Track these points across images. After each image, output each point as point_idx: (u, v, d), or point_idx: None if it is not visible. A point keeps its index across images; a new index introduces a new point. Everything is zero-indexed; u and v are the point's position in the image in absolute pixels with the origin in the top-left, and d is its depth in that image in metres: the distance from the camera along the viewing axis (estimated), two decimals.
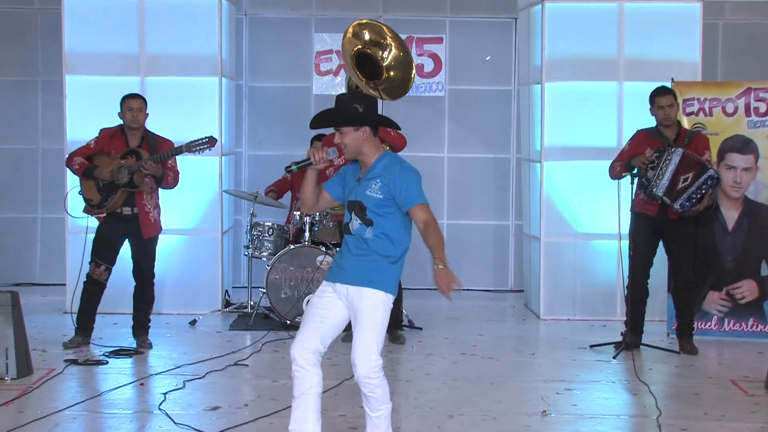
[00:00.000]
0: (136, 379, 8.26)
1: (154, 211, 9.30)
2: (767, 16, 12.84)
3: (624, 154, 9.44)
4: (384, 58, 9.65)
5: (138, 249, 9.32)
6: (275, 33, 13.18)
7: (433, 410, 7.42)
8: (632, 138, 9.53)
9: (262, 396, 7.74)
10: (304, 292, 10.23)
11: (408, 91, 9.84)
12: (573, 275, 11.12)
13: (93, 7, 10.99)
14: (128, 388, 7.98)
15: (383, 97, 9.56)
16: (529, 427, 7.02)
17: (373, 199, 5.99)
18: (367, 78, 9.60)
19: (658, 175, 9.11)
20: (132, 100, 9.24)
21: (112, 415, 7.22)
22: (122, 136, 9.24)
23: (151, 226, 9.26)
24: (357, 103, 6.02)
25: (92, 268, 9.22)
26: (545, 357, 9.46)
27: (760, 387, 8.11)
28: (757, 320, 9.99)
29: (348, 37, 9.62)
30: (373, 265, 6.07)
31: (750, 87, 10.18)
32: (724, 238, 10.00)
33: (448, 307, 11.98)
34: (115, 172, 8.98)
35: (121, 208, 9.12)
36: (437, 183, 13.07)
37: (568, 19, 11.01)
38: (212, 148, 9.32)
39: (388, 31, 9.73)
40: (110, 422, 7.05)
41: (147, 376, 8.34)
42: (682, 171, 9.10)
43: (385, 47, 9.68)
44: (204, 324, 10.61)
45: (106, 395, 7.73)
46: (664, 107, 9.27)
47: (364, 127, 5.99)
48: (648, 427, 7.05)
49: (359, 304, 6.06)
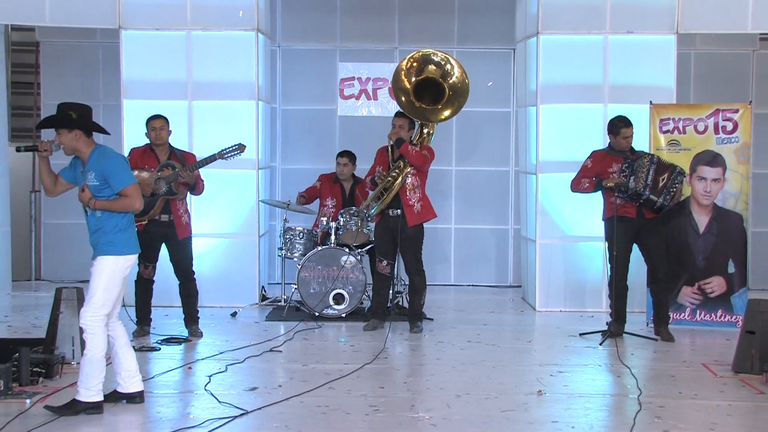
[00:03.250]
0: (185, 363, 8.29)
1: (185, 215, 9.35)
2: (733, 46, 12.82)
3: (589, 171, 9.46)
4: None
5: (176, 250, 9.36)
6: (304, 62, 13.18)
7: (443, 390, 7.43)
8: (593, 157, 9.52)
9: (294, 378, 7.76)
10: (330, 288, 10.28)
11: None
12: (564, 272, 11.10)
13: (147, 41, 11.02)
14: (178, 371, 8.02)
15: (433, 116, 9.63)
16: (527, 405, 7.02)
17: (93, 186, 6.65)
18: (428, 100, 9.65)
19: (639, 179, 9.17)
20: (154, 121, 9.32)
21: (163, 395, 7.25)
22: (152, 153, 9.29)
23: (184, 229, 9.31)
24: (72, 111, 6.73)
25: (141, 269, 9.28)
26: (540, 344, 9.46)
27: (728, 370, 8.12)
28: (725, 312, 9.99)
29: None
30: (106, 237, 6.69)
31: (719, 108, 10.18)
32: (696, 240, 10.03)
33: (455, 300, 12.04)
34: (153, 185, 9.06)
35: (159, 215, 9.15)
36: (446, 192, 13.08)
37: (560, 49, 10.99)
38: (242, 153, 9.37)
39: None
40: (162, 401, 7.07)
41: (194, 360, 8.38)
42: (659, 173, 9.21)
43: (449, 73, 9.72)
44: (243, 315, 10.63)
45: (158, 377, 7.77)
46: (628, 138, 9.40)
47: (76, 130, 6.67)
48: (630, 404, 7.05)
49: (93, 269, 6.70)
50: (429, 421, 6.60)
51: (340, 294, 10.31)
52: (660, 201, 9.21)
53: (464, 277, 13.22)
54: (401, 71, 9.63)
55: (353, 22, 13.13)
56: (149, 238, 9.17)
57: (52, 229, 13.11)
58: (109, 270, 6.67)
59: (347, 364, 8.24)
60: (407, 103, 9.60)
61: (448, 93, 9.60)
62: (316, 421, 6.58)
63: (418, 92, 9.62)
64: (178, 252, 9.38)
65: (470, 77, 9.77)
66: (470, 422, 6.59)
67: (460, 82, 9.64)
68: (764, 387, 7.60)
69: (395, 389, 7.56)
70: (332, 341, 9.38)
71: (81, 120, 6.72)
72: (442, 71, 9.66)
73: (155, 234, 9.24)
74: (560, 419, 6.70)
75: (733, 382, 7.81)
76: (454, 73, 9.64)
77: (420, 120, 9.62)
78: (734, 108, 10.18)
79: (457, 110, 9.71)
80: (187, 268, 9.47)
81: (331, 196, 10.99)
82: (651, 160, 9.24)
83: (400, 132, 9.56)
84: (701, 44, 12.76)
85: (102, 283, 6.64)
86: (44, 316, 8.69)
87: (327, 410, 6.84)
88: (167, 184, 9.06)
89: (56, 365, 7.65)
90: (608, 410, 7.07)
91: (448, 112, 9.66)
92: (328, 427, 6.45)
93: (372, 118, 12.66)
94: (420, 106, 9.58)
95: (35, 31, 13.01)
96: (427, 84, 9.64)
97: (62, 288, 8.28)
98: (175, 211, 9.22)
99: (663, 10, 10.88)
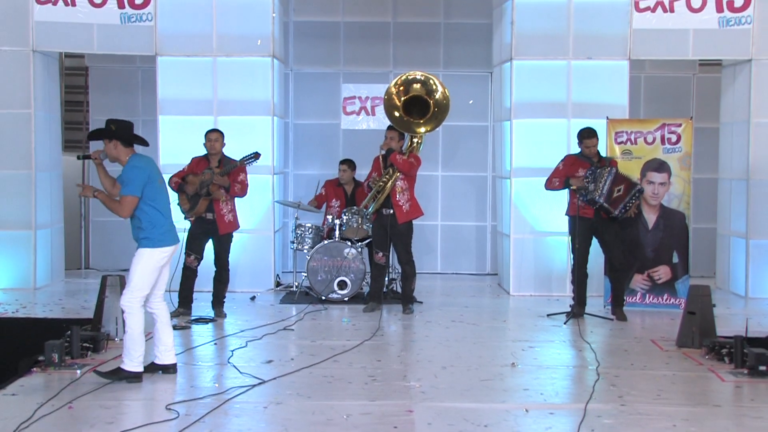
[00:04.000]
0: (212, 340, 8.29)
1: (229, 214, 9.34)
2: (677, 71, 12.78)
3: (560, 172, 9.47)
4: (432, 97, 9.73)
5: (217, 243, 9.37)
6: (312, 83, 13.14)
7: (431, 363, 7.45)
8: (565, 160, 9.53)
9: (304, 352, 7.76)
10: (335, 276, 10.27)
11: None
12: (534, 262, 11.06)
13: (179, 65, 11.00)
14: (206, 346, 8.02)
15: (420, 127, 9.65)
16: (502, 375, 7.04)
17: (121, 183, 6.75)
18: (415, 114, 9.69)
19: (597, 188, 9.15)
20: (210, 134, 9.36)
21: (194, 366, 7.30)
22: (206, 161, 9.34)
23: (225, 226, 9.29)
24: (112, 124, 6.78)
25: (186, 258, 9.30)
26: (513, 323, 9.45)
27: (673, 345, 8.14)
28: (670, 295, 9.98)
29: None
30: (143, 233, 6.78)
31: (665, 123, 10.18)
32: (646, 235, 10.02)
33: (441, 286, 12.02)
34: (197, 186, 9.11)
35: (205, 213, 9.20)
36: (434, 194, 13.06)
37: (530, 73, 10.96)
38: (258, 160, 9.37)
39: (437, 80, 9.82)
40: (193, 371, 7.12)
41: (219, 337, 8.38)
42: (616, 184, 9.17)
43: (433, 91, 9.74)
44: (261, 299, 10.61)
45: (189, 351, 7.80)
46: (590, 147, 9.39)
47: (114, 140, 6.71)
48: (589, 375, 7.07)
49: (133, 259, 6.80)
50: (419, 389, 6.60)
51: (344, 281, 10.29)
52: (615, 213, 9.20)
53: (449, 266, 13.20)
54: (392, 93, 9.71)
55: (354, 49, 13.11)
56: (196, 232, 9.31)
57: (98, 225, 13.09)
58: (145, 260, 6.70)
59: (349, 341, 8.23)
60: (398, 118, 9.66)
61: (433, 108, 9.64)
62: (323, 388, 6.58)
63: (408, 108, 9.67)
64: (218, 245, 9.40)
65: (454, 96, 9.79)
66: (454, 390, 6.60)
67: (444, 99, 9.69)
68: (703, 359, 7.62)
69: (390, 362, 7.56)
70: (336, 321, 9.37)
71: (119, 132, 6.74)
72: (427, 88, 9.73)
73: (201, 229, 9.29)
74: (531, 387, 6.70)
75: (677, 355, 7.83)
76: (437, 89, 9.70)
77: (409, 132, 9.65)
78: (678, 123, 10.18)
79: (439, 123, 9.78)
80: (223, 259, 9.47)
81: (335, 198, 10.99)
82: (609, 172, 9.18)
83: (390, 143, 9.59)
84: (650, 68, 12.75)
85: (138, 271, 6.67)
86: (92, 300, 8.67)
87: (332, 380, 6.84)
88: (205, 186, 9.07)
89: (102, 341, 7.68)
90: (571, 379, 7.09)
91: (432, 125, 9.71)
92: (333, 394, 6.45)
93: (370, 131, 12.63)
94: (408, 120, 9.64)
95: (85, 57, 12.97)
96: (414, 101, 9.69)
97: (107, 276, 8.30)
98: (218, 210, 9.23)
99: (617, 40, 10.87)
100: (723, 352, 7.53)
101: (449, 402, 6.25)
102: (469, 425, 5.71)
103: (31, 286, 10.90)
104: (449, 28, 13.10)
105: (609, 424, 5.78)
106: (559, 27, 10.93)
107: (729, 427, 5.80)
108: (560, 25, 10.93)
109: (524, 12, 10.93)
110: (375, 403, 6.18)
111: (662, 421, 5.85)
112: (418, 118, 9.66)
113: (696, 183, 11.67)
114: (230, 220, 9.37)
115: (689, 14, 10.81)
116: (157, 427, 5.62)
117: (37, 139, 10.95)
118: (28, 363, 7.11)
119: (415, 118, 9.66)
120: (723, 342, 7.63)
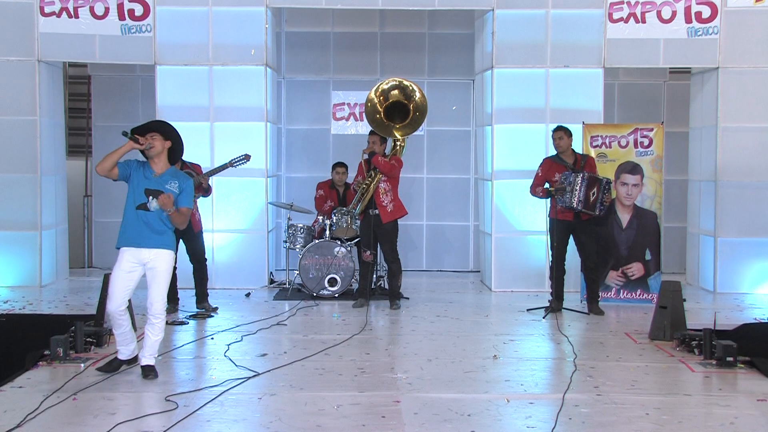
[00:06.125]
0: (208, 334, 8.27)
1: (197, 213, 9.35)
2: (648, 78, 12.82)
3: (539, 178, 9.47)
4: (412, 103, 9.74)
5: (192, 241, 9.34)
6: (304, 91, 13.13)
7: (417, 356, 7.44)
8: (541, 165, 9.53)
9: (297, 346, 7.74)
10: (325, 273, 10.25)
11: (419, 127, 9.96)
12: (514, 260, 11.06)
13: (177, 74, 10.97)
14: (203, 341, 8.01)
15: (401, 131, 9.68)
16: (485, 367, 7.04)
17: (174, 193, 6.42)
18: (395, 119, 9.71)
19: (573, 195, 9.17)
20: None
21: (190, 360, 7.29)
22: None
23: (197, 224, 9.32)
24: (176, 130, 6.60)
25: None
26: (495, 318, 9.44)
27: (645, 337, 8.16)
28: (643, 291, 10.01)
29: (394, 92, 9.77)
30: (167, 236, 6.51)
31: (637, 127, 10.21)
32: (620, 234, 10.04)
33: (427, 283, 12.00)
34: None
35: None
36: (419, 195, 13.07)
37: (510, 80, 10.96)
38: (248, 161, 9.33)
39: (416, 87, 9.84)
40: (189, 365, 7.11)
41: (215, 332, 8.35)
42: (590, 188, 9.17)
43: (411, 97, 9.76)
44: (255, 296, 10.57)
45: (186, 346, 7.78)
46: (555, 139, 9.41)
47: (169, 141, 6.51)
48: (567, 366, 7.08)
49: (159, 264, 6.48)
50: (406, 380, 6.60)
51: (334, 278, 10.28)
52: (597, 213, 9.23)
53: (434, 263, 13.20)
54: (373, 99, 9.74)
55: (344, 58, 13.10)
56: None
57: (101, 226, 13.02)
58: (172, 264, 6.61)
59: (339, 335, 8.22)
60: (379, 122, 9.69)
61: (413, 112, 9.68)
62: (315, 380, 6.58)
63: (389, 114, 9.72)
64: (194, 243, 9.36)
65: (437, 103, 9.83)
66: (439, 381, 6.60)
67: (422, 101, 9.72)
68: (674, 351, 7.64)
69: (378, 355, 7.54)
70: (327, 316, 9.35)
71: (177, 139, 6.63)
72: (405, 93, 9.75)
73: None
74: (512, 378, 6.70)
75: (650, 347, 7.84)
76: (415, 93, 9.73)
77: (389, 136, 9.69)
78: (650, 127, 10.20)
79: (418, 125, 9.81)
80: (201, 255, 9.46)
81: (329, 199, 10.98)
82: (582, 178, 9.18)
83: (373, 147, 9.59)
84: (623, 76, 12.78)
85: (169, 277, 6.57)
86: (95, 297, 8.65)
87: (323, 372, 6.83)
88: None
89: (104, 336, 7.63)
90: (550, 371, 7.08)
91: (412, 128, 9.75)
92: (324, 385, 6.44)
93: (359, 136, 12.60)
94: (389, 124, 9.68)
95: (87, 67, 12.94)
96: (395, 107, 9.73)
97: (109, 274, 8.16)
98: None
99: (592, 49, 10.89)
100: (693, 344, 7.55)
101: (434, 393, 6.24)
102: (453, 415, 5.71)
103: (37, 284, 10.86)
104: (433, 38, 13.11)
105: (586, 413, 5.79)
106: (538, 37, 10.95)
107: (698, 415, 5.82)
108: (538, 35, 10.95)
109: (504, 23, 10.95)
110: (364, 394, 6.18)
111: (636, 409, 5.87)
112: (399, 122, 9.68)
113: (667, 184, 11.71)
114: (199, 218, 9.41)
115: (660, 25, 10.85)
116: (157, 417, 5.60)
117: (43, 145, 10.91)
118: (34, 357, 7.08)
119: (396, 123, 9.68)
120: (693, 334, 7.65)
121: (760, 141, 10.90)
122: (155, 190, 6.42)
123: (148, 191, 6.42)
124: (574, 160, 9.42)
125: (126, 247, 6.47)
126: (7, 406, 5.82)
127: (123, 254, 6.47)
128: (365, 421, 5.56)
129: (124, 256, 6.47)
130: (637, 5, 10.86)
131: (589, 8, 10.89)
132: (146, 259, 6.46)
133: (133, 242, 6.45)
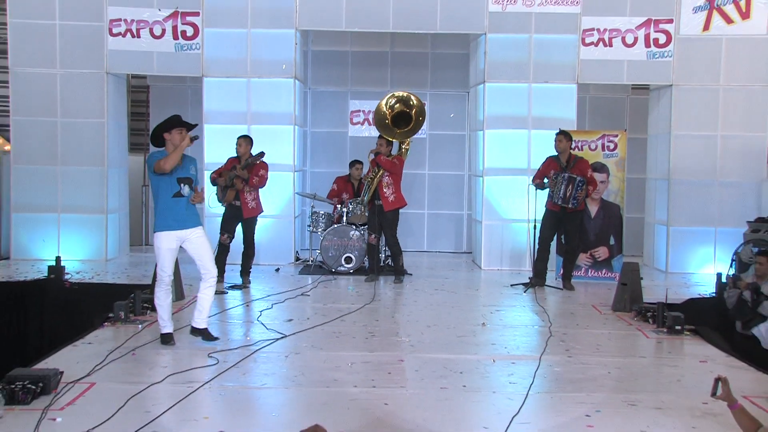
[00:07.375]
0: (244, 302, 8.30)
1: (252, 201, 9.19)
2: (614, 93, 12.74)
3: (540, 172, 9.44)
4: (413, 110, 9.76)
5: (243, 224, 9.24)
6: (326, 100, 13.07)
7: (418, 323, 7.45)
8: (546, 161, 9.47)
9: (318, 313, 7.76)
10: (342, 253, 10.25)
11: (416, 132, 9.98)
12: (501, 243, 11.02)
13: (220, 84, 10.94)
14: (239, 307, 8.03)
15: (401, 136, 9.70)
16: (475, 333, 7.05)
17: (193, 176, 6.33)
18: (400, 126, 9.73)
19: (556, 191, 9.15)
20: (238, 139, 9.25)
21: (230, 322, 7.30)
22: (237, 160, 9.21)
23: (248, 211, 9.14)
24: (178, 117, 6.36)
25: (220, 236, 9.23)
26: (484, 291, 9.44)
27: (609, 309, 8.16)
28: (608, 270, 9.99)
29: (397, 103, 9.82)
30: (197, 215, 6.41)
31: (604, 134, 10.17)
32: (589, 222, 10.00)
33: (427, 262, 11.96)
34: (226, 179, 9.04)
35: (234, 200, 9.13)
36: (421, 189, 13.02)
37: (499, 93, 10.90)
38: (263, 157, 9.12)
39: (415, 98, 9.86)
40: (228, 327, 7.12)
41: (250, 300, 8.38)
42: (568, 186, 9.14)
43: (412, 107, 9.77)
44: (283, 271, 10.57)
45: (226, 311, 7.81)
46: (555, 141, 9.36)
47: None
48: (544, 332, 7.08)
49: (199, 239, 6.35)
50: (408, 343, 6.61)
51: (349, 257, 10.27)
52: (569, 206, 9.19)
53: (432, 246, 13.17)
54: (385, 114, 9.78)
55: (360, 73, 13.04)
56: (227, 216, 9.19)
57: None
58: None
59: (353, 304, 8.23)
60: (385, 127, 9.74)
61: (416, 118, 9.68)
62: (332, 342, 6.59)
63: (396, 122, 9.74)
64: (244, 226, 9.27)
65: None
66: (436, 343, 6.61)
67: (420, 107, 9.77)
68: (633, 321, 7.63)
69: (386, 321, 7.55)
70: (343, 289, 9.35)
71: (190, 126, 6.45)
72: (405, 104, 9.78)
73: (231, 213, 9.17)
74: (497, 342, 6.71)
75: (612, 317, 7.84)
76: (413, 101, 9.77)
77: (395, 139, 9.71)
78: (615, 134, 10.16)
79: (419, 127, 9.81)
80: (249, 237, 9.33)
81: (345, 191, 10.97)
82: (563, 178, 9.16)
83: (379, 148, 9.60)
84: (593, 91, 12.70)
85: (209, 244, 6.48)
86: (151, 269, 8.64)
87: (339, 335, 6.85)
88: (231, 179, 9.03)
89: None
90: (530, 336, 7.05)
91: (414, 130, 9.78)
92: (340, 346, 6.45)
93: (371, 138, 12.50)
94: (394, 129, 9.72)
95: (146, 78, 12.92)
96: (400, 116, 9.76)
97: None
98: (243, 198, 9.11)
99: (568, 67, 10.83)
100: (648, 315, 7.56)
101: (432, 353, 6.25)
102: (447, 372, 5.72)
103: (103, 258, 10.88)
104: (435, 57, 13.04)
105: (558, 372, 5.80)
106: (522, 57, 10.88)
107: (651, 373, 5.83)
108: (523, 55, 10.88)
109: (495, 45, 10.89)
110: (373, 354, 6.19)
111: (600, 369, 5.87)
112: (404, 128, 9.71)
113: (629, 182, 11.63)
114: (253, 206, 9.24)
115: (624, 48, 10.80)
116: (201, 370, 5.63)
117: (109, 142, 10.92)
118: (100, 319, 7.11)
119: (401, 128, 9.71)
120: (648, 307, 7.66)
121: (706, 146, 10.85)
122: (186, 177, 6.30)
123: (180, 179, 6.29)
124: (567, 159, 9.37)
125: (171, 231, 6.29)
126: (79, 358, 5.87)
127: (167, 236, 6.27)
128: (374, 377, 5.57)
129: (169, 237, 6.27)
130: (605, 32, 10.80)
131: (565, 33, 10.83)
132: (186, 237, 6.30)
133: (176, 226, 6.27)
